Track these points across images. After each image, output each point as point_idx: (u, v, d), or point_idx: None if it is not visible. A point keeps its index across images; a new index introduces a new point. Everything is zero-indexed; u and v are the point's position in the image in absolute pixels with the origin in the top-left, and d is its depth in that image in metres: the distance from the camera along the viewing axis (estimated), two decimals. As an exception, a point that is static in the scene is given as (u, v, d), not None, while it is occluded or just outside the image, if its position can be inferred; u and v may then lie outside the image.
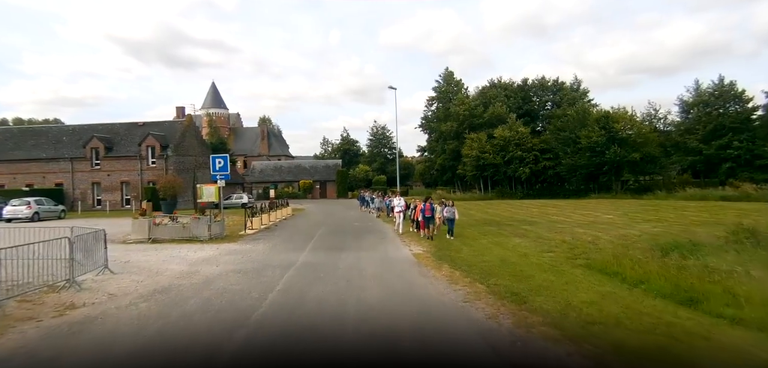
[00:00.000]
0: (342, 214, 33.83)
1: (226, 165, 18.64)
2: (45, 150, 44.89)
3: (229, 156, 20.78)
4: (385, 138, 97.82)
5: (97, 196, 44.31)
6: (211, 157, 18.84)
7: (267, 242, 17.42)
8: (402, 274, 11.30)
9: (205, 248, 16.08)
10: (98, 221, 27.32)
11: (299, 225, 24.90)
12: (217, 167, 18.62)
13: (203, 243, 17.36)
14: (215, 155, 18.82)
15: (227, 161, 18.66)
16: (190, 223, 18.32)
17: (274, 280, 10.50)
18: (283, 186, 68.67)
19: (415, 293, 9.30)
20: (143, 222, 18.16)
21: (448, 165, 66.07)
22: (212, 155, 18.85)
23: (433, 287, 9.75)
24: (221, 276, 11.22)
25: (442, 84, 72.79)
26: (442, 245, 15.22)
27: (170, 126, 46.70)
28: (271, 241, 17.91)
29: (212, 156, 18.83)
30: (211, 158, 18.75)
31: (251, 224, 21.99)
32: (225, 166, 18.63)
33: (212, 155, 18.85)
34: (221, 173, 18.69)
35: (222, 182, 18.81)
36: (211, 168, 18.70)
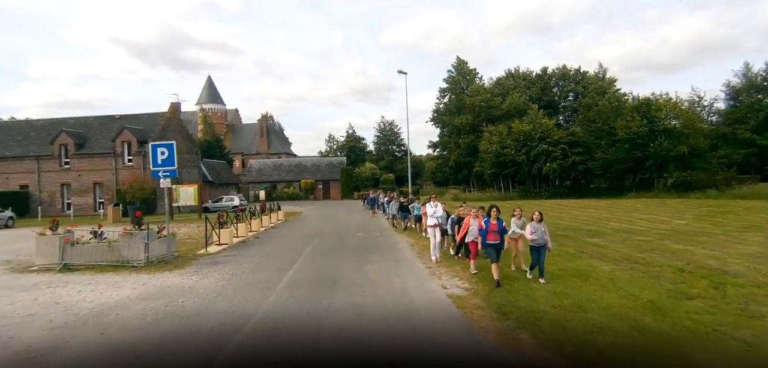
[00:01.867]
0: (344, 219, 28.06)
1: (171, 157, 12.94)
2: (8, 147, 39.54)
3: (226, 154, 15.22)
4: (393, 135, 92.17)
5: (67, 199, 38.90)
6: (151, 145, 13.12)
7: (226, 271, 11.70)
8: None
9: (127, 283, 10.42)
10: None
11: (285, 238, 19.15)
12: (160, 159, 12.93)
13: (136, 271, 11.72)
14: (159, 143, 13.10)
15: (173, 151, 12.95)
16: (119, 240, 12.64)
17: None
18: (282, 186, 63.08)
19: None
20: (52, 240, 12.50)
21: (463, 162, 60.17)
22: (152, 144, 13.12)
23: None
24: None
25: (455, 74, 66.92)
26: (514, 291, 9.30)
27: (150, 119, 41.17)
28: (235, 267, 12.20)
29: (152, 145, 13.12)
30: (151, 147, 13.05)
31: (218, 238, 16.29)
32: (170, 158, 12.93)
33: (152, 144, 13.12)
34: (165, 167, 13.01)
35: (166, 181, 13.13)
36: (151, 162, 13.00)
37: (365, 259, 12.94)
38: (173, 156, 13.00)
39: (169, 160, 12.99)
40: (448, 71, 67.61)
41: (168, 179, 13.19)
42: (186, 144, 43.53)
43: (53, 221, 12.81)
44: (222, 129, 80.00)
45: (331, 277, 10.56)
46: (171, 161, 12.99)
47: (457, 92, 65.17)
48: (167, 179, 13.18)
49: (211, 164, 53.17)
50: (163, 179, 13.16)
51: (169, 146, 13.04)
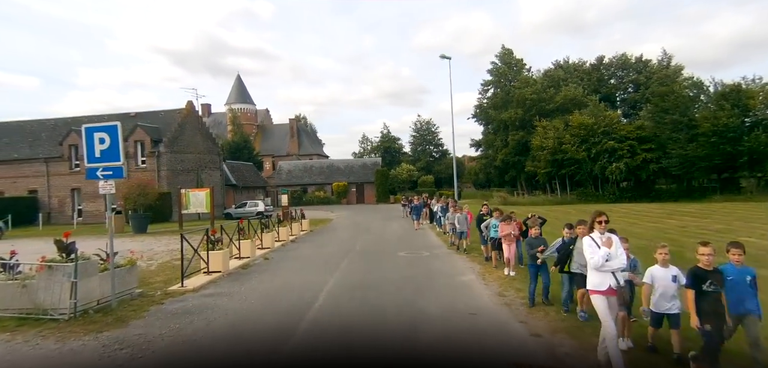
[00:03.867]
0: (380, 230, 23.05)
1: (114, 148, 8.20)
2: (18, 149, 36.57)
3: (252, 156, 10.44)
4: (430, 134, 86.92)
5: (77, 205, 35.53)
6: (83, 129, 8.42)
7: (186, 335, 6.85)
8: None
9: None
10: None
11: (302, 262, 14.25)
12: (97, 150, 8.22)
13: (49, 328, 7.09)
14: (95, 126, 8.38)
15: (116, 138, 8.20)
16: (36, 278, 7.99)
17: None
18: (313, 190, 58.77)
19: None
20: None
21: (512, 161, 54.13)
22: (85, 127, 8.44)
23: None
24: None
25: (500, 65, 60.91)
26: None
27: (166, 117, 37.41)
28: (206, 325, 7.35)
29: (86, 128, 8.43)
30: (85, 131, 8.35)
31: (207, 264, 11.51)
32: (113, 149, 8.20)
33: (85, 127, 8.44)
34: (105, 163, 8.30)
35: (107, 184, 8.42)
36: (86, 154, 8.30)
37: (419, 309, 7.85)
38: (117, 146, 8.28)
39: (111, 152, 8.28)
40: (491, 63, 61.72)
41: (110, 182, 8.48)
42: (206, 144, 39.70)
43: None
44: (252, 130, 76.66)
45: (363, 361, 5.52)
46: (114, 153, 8.27)
47: (503, 84, 59.21)
48: (108, 183, 8.47)
49: (235, 165, 49.33)
50: (102, 181, 8.45)
51: (110, 130, 8.32)
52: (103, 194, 8.67)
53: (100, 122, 8.88)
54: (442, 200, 18.36)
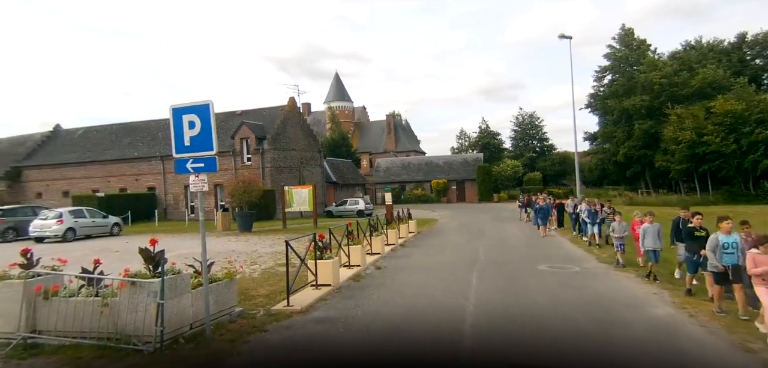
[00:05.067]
0: (496, 233, 20.20)
1: (206, 135, 6.50)
2: (138, 148, 38.84)
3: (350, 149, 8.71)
4: (533, 128, 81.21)
5: (189, 201, 36.84)
6: (170, 109, 6.80)
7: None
8: None
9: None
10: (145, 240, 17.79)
11: (422, 274, 12.00)
12: (187, 137, 6.57)
13: (142, 362, 5.57)
14: (182, 105, 6.73)
15: (208, 122, 6.48)
16: (118, 296, 6.52)
17: None
18: (412, 187, 56.88)
19: None
20: (15, 291, 6.83)
21: (636, 155, 47.85)
22: (172, 107, 6.80)
23: None
24: None
25: (619, 48, 54.33)
26: None
27: (270, 114, 37.54)
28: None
29: (172, 108, 6.82)
30: (172, 112, 6.75)
31: (315, 276, 9.66)
32: (204, 136, 6.50)
33: (172, 107, 6.80)
34: (195, 154, 6.63)
35: (199, 180, 6.78)
36: (174, 141, 6.69)
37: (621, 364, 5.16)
38: (210, 131, 6.56)
39: (202, 139, 6.59)
40: (608, 46, 55.25)
41: (202, 178, 6.83)
42: (307, 140, 39.37)
43: (25, 252, 7.17)
44: (349, 127, 76.81)
45: None
46: (206, 140, 6.57)
47: (624, 69, 52.71)
48: (200, 178, 6.82)
49: (335, 163, 48.92)
50: (193, 176, 6.82)
51: (200, 111, 6.62)
52: (194, 191, 7.02)
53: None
54: (588, 203, 14.86)
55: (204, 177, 6.89)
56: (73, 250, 18.31)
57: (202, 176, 6.86)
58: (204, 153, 6.70)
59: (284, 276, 10.98)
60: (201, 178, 6.85)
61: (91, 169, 38.99)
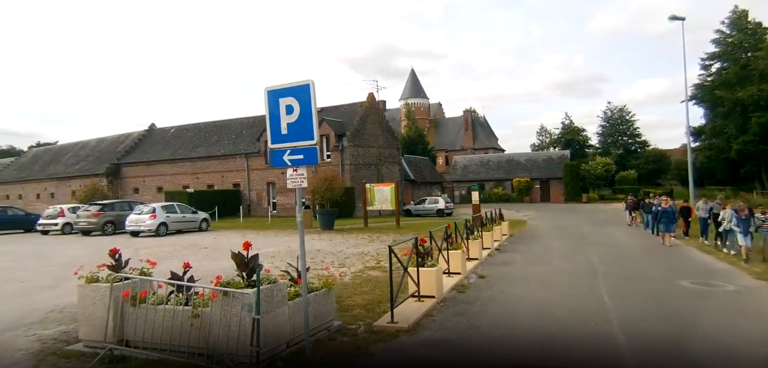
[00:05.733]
0: (606, 240, 17.96)
1: (306, 120, 5.49)
2: (224, 146, 40.08)
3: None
4: (624, 123, 75.29)
5: (272, 198, 37.40)
6: (266, 92, 5.84)
7: None
8: None
9: None
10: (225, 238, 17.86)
11: (537, 287, 10.45)
12: (284, 125, 5.59)
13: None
14: (280, 87, 5.74)
15: (309, 108, 5.44)
16: (210, 306, 5.69)
17: None
18: (492, 186, 54.45)
19: None
20: (102, 295, 6.24)
21: (752, 151, 42.23)
22: (268, 89, 5.83)
23: None
24: None
25: (730, 33, 48.31)
26: None
27: (349, 110, 37.18)
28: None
29: (268, 91, 5.85)
30: (267, 95, 5.79)
31: (417, 286, 8.44)
32: (304, 120, 5.48)
33: (268, 89, 5.83)
34: (294, 144, 5.62)
35: (297, 174, 5.79)
36: (270, 129, 5.72)
37: None
38: (310, 117, 5.53)
39: (301, 126, 5.57)
40: (716, 32, 49.30)
41: (301, 172, 5.83)
42: (386, 137, 38.57)
43: (113, 253, 6.59)
44: (425, 124, 75.49)
45: None
46: (306, 127, 5.54)
47: (737, 56, 46.83)
48: (299, 172, 5.83)
49: (413, 160, 47.83)
50: (291, 169, 5.84)
51: (299, 93, 5.59)
52: (292, 187, 6.05)
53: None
54: (739, 208, 12.27)
55: (303, 171, 5.88)
56: (165, 245, 18.61)
57: (301, 170, 5.86)
58: (303, 143, 5.68)
59: (379, 283, 9.96)
60: (300, 172, 5.86)
61: (181, 166, 40.86)
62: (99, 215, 23.73)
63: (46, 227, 25.88)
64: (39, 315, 8.05)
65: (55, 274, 12.18)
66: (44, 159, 52.71)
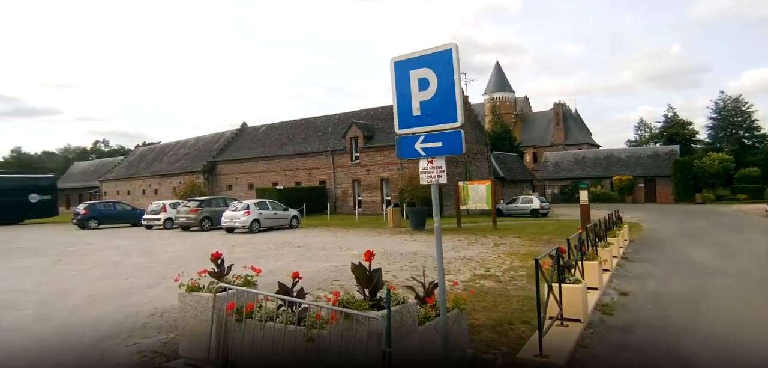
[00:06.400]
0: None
1: (446, 95, 4.29)
2: (311, 144, 40.39)
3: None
4: (739, 116, 67.06)
5: (357, 195, 37.02)
6: (392, 64, 4.66)
7: None
8: None
9: None
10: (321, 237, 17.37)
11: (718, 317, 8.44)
12: (416, 100, 4.39)
13: None
14: (410, 56, 4.53)
15: (450, 71, 4.24)
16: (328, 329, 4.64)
17: None
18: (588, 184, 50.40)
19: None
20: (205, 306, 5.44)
21: None
22: (394, 60, 4.63)
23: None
24: None
25: None
26: None
27: (436, 105, 35.74)
28: None
29: (395, 62, 4.68)
30: (394, 67, 4.63)
31: (558, 305, 6.90)
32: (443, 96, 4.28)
33: (394, 60, 4.63)
34: (429, 128, 4.41)
35: (434, 168, 4.58)
36: (397, 109, 4.56)
37: None
38: (452, 91, 4.29)
39: (440, 104, 4.34)
40: None
41: (438, 164, 4.59)
42: (474, 133, 36.74)
43: (215, 257, 5.79)
44: (511, 119, 72.11)
45: None
46: (447, 105, 4.31)
47: None
48: (436, 167, 4.60)
49: (502, 157, 45.38)
50: (425, 162, 4.63)
51: (436, 63, 4.36)
52: (427, 183, 4.83)
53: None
54: None
55: (441, 163, 4.63)
56: (259, 242, 18.43)
57: (439, 162, 4.61)
58: (443, 126, 4.44)
59: (498, 297, 8.53)
60: (437, 164, 4.62)
61: (271, 163, 41.82)
62: (197, 212, 24.43)
63: (150, 222, 27.23)
64: (139, 319, 7.58)
65: (155, 272, 12.08)
66: (148, 158, 56.82)
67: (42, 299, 9.27)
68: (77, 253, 16.73)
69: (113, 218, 30.94)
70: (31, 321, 7.72)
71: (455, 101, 4.27)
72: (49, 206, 39.17)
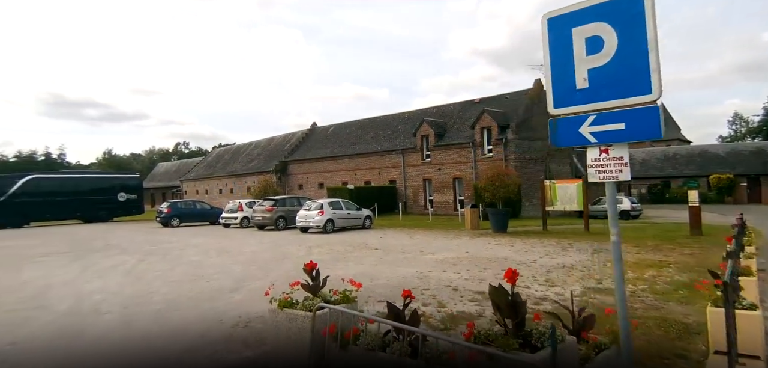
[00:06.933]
0: None
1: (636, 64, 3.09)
2: (381, 142, 39.76)
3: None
4: None
5: (428, 195, 35.90)
6: (545, 21, 3.53)
7: None
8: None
9: None
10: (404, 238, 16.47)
11: None
12: (581, 69, 3.25)
13: None
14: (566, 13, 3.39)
15: (641, 25, 3.04)
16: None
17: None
18: (679, 183, 46.00)
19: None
20: (299, 324, 4.61)
21: None
22: (548, 18, 3.49)
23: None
24: None
25: None
26: None
27: (513, 100, 33.90)
28: None
29: (548, 19, 3.55)
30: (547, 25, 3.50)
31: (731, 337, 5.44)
32: (628, 64, 3.11)
33: (548, 18, 3.49)
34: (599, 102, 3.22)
35: (613, 161, 3.40)
36: (552, 85, 3.46)
37: None
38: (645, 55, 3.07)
39: (622, 71, 3.15)
40: None
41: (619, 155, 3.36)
42: (555, 129, 34.34)
43: (309, 268, 4.93)
44: (588, 115, 68.00)
45: None
46: (636, 72, 3.11)
47: None
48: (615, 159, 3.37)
49: (582, 154, 42.34)
50: (598, 148, 3.43)
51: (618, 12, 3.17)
52: (602, 179, 3.65)
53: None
54: None
55: (622, 153, 3.43)
56: (335, 243, 17.84)
57: (618, 150, 3.42)
58: (627, 101, 3.24)
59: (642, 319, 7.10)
60: (614, 154, 3.43)
61: (341, 162, 41.71)
62: (272, 211, 24.45)
63: (228, 220, 27.73)
64: (223, 329, 6.96)
65: (236, 274, 11.69)
66: (225, 158, 59.01)
67: (125, 300, 9.02)
68: (160, 251, 16.94)
69: (193, 216, 31.97)
70: (115, 326, 7.35)
71: (649, 64, 3.07)
72: (136, 204, 41.48)
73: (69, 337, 6.89)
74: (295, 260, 13.92)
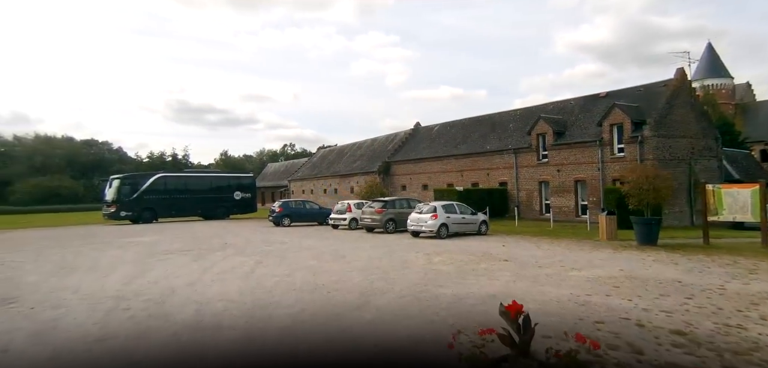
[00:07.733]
0: None
1: None
2: (490, 142, 37.34)
3: None
4: None
5: (544, 199, 32.86)
6: None
7: None
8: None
9: None
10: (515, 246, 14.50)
11: None
12: None
13: None
14: None
15: None
16: None
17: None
18: None
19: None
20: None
21: None
22: None
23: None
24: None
25: None
26: None
27: (647, 93, 29.78)
28: None
29: None
30: None
31: None
32: None
33: None
34: None
35: None
36: None
37: None
38: None
39: None
40: None
41: None
42: (700, 125, 29.71)
43: (513, 310, 3.37)
44: (729, 109, 59.06)
45: None
46: None
47: None
48: None
49: (733, 155, 36.36)
50: None
51: None
52: None
53: None
54: None
55: None
56: (454, 251, 16.17)
57: None
58: None
59: None
60: None
61: (446, 163, 40.00)
62: (381, 212, 23.48)
63: (336, 221, 27.35)
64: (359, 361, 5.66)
65: (357, 285, 10.55)
66: (329, 159, 60.12)
67: (247, 312, 8.18)
68: (275, 253, 16.55)
69: (303, 216, 32.26)
70: (239, 344, 6.40)
71: None
72: (250, 202, 43.33)
73: (189, 354, 6.06)
74: (417, 269, 12.53)
